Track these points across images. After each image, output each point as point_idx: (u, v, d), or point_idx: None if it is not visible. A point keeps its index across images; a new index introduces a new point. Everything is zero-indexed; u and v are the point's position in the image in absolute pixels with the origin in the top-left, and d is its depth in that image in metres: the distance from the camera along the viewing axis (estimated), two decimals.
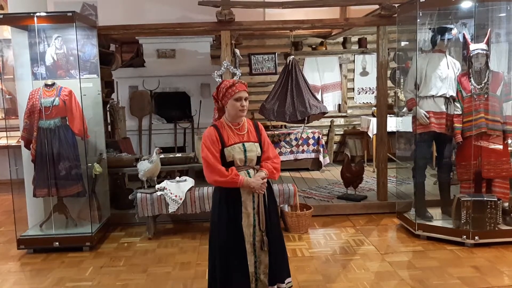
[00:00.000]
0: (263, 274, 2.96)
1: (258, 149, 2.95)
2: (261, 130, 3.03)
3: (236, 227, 2.90)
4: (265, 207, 2.97)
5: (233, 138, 2.90)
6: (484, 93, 4.57)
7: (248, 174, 2.92)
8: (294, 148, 7.50)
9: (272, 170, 2.98)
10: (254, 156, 2.93)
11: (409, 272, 3.93)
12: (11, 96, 7.41)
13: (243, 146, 2.90)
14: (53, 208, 4.84)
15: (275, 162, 3.02)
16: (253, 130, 2.99)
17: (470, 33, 4.71)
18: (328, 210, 5.61)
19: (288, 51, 7.52)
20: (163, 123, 7.72)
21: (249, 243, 2.92)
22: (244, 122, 2.98)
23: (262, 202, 2.94)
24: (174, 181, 5.07)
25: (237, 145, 2.89)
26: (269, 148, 3.04)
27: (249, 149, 2.91)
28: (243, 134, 2.93)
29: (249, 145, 2.92)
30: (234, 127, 2.93)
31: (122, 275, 4.06)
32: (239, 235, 2.90)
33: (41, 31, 4.80)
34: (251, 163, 2.94)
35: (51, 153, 4.66)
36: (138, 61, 7.63)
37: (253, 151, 2.93)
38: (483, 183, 4.69)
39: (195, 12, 6.75)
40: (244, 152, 2.90)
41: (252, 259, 2.93)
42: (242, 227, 2.90)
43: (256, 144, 2.95)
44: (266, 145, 3.02)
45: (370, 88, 8.44)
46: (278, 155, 3.10)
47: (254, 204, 2.93)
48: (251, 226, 2.92)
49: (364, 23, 5.77)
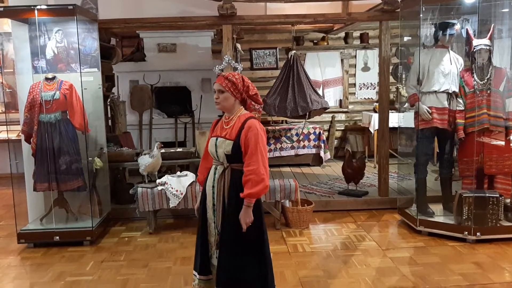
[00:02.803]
0: (214, 272, 2.89)
1: (228, 147, 2.71)
2: (244, 129, 2.69)
3: (204, 218, 2.90)
4: (224, 209, 2.80)
5: (217, 131, 2.85)
6: (486, 89, 4.55)
7: (215, 169, 2.82)
8: (295, 144, 7.47)
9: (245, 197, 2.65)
10: (221, 153, 2.76)
11: (410, 268, 3.92)
12: (11, 90, 7.39)
13: (216, 140, 2.80)
14: (53, 203, 4.83)
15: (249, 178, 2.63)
16: (237, 127, 2.73)
17: (473, 28, 4.68)
18: (329, 205, 5.60)
19: (289, 46, 7.49)
20: (163, 118, 7.71)
21: (212, 235, 2.88)
22: (234, 117, 2.79)
23: (220, 202, 2.79)
24: (175, 176, 5.06)
25: (212, 138, 2.84)
26: (252, 152, 2.65)
27: (218, 145, 2.77)
28: (227, 128, 2.79)
29: (220, 141, 2.77)
30: (224, 120, 2.86)
31: (122, 270, 4.06)
32: (204, 222, 2.91)
33: (41, 25, 4.77)
34: (220, 159, 2.79)
35: (51, 147, 4.65)
36: (139, 55, 7.60)
37: (221, 148, 2.75)
38: (485, 179, 4.68)
39: (196, 6, 6.71)
40: (215, 147, 2.80)
41: (215, 254, 2.88)
42: (207, 218, 2.89)
43: (227, 142, 2.72)
44: (247, 147, 2.67)
45: (372, 83, 8.41)
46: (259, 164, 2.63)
47: (214, 201, 2.83)
48: (212, 221, 2.87)
49: (366, 18, 5.74)
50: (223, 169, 2.80)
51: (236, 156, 2.72)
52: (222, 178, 2.79)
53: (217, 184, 2.81)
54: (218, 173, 2.81)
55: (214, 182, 2.82)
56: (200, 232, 2.94)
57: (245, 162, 2.68)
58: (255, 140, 2.66)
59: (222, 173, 2.79)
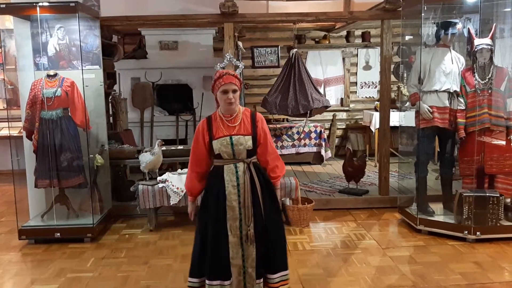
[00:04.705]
0: (250, 268, 2.89)
1: (249, 142, 2.83)
2: (257, 122, 2.89)
3: (219, 219, 2.85)
4: (254, 201, 2.87)
5: (222, 130, 2.83)
6: (488, 88, 4.55)
7: (236, 167, 2.85)
8: (296, 142, 7.49)
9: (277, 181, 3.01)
10: (242, 149, 2.82)
11: (410, 267, 3.93)
12: (13, 87, 7.40)
13: (230, 139, 2.82)
14: (54, 199, 4.84)
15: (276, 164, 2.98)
16: (248, 122, 2.86)
17: (474, 27, 4.68)
18: (330, 204, 5.60)
19: (291, 44, 7.50)
20: (165, 115, 7.71)
21: (236, 236, 2.86)
22: (238, 113, 2.87)
23: (248, 196, 2.85)
24: (175, 173, 5.07)
25: (224, 138, 2.81)
26: (267, 141, 2.92)
27: (236, 143, 2.81)
28: (234, 126, 2.84)
29: (237, 138, 2.81)
30: (225, 119, 2.85)
31: (123, 267, 4.07)
32: (222, 227, 2.85)
33: (43, 21, 4.78)
34: (240, 156, 2.84)
35: (53, 144, 4.66)
36: (141, 52, 7.60)
37: (241, 144, 2.81)
38: (486, 178, 4.68)
39: (198, 4, 6.71)
40: (231, 146, 2.81)
41: (240, 252, 2.87)
42: (227, 220, 2.85)
43: (246, 137, 2.83)
44: (263, 137, 2.90)
45: (373, 82, 8.41)
46: (275, 150, 3.02)
47: (239, 198, 2.85)
48: (237, 219, 2.86)
49: (368, 17, 5.74)
50: (245, 165, 2.86)
51: (255, 150, 2.88)
52: (248, 173, 2.85)
53: (243, 180, 2.84)
54: (241, 170, 2.85)
55: (239, 180, 2.84)
56: (214, 237, 2.86)
57: (262, 151, 2.91)
58: (267, 130, 2.95)
59: (246, 169, 2.85)
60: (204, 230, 2.91)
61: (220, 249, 2.85)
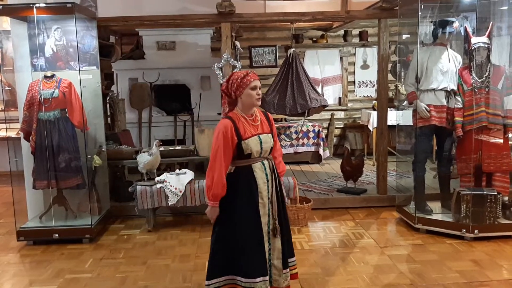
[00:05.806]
0: (276, 260, 2.99)
1: (272, 140, 2.99)
2: (271, 121, 3.06)
3: (254, 218, 2.91)
4: (277, 196, 3.01)
5: (249, 130, 2.89)
6: (485, 86, 4.55)
7: (263, 165, 2.95)
8: (294, 141, 7.49)
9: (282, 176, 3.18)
10: (268, 147, 2.96)
11: (408, 266, 3.93)
12: (11, 88, 7.38)
13: (259, 138, 2.91)
14: (52, 200, 4.84)
15: (281, 160, 3.16)
16: (265, 121, 3.01)
17: (471, 26, 4.68)
18: (328, 203, 5.61)
19: (288, 43, 7.49)
20: (163, 116, 7.71)
21: (264, 231, 2.95)
22: (256, 112, 3.00)
23: (275, 192, 2.98)
24: (174, 174, 5.07)
25: (254, 137, 2.89)
26: (276, 138, 3.09)
27: (264, 141, 2.93)
28: (257, 125, 2.95)
29: (264, 137, 2.94)
30: (248, 118, 2.93)
31: (121, 267, 4.07)
32: (257, 225, 2.91)
33: (40, 23, 4.77)
34: (265, 154, 2.97)
35: (50, 145, 4.66)
36: (138, 53, 7.60)
37: (268, 142, 2.95)
38: (483, 177, 4.69)
39: (195, 4, 6.72)
40: (260, 144, 2.91)
41: (267, 246, 2.96)
42: (261, 217, 2.92)
43: (269, 136, 2.98)
44: (275, 136, 3.07)
45: (371, 81, 8.42)
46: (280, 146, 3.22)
47: (268, 194, 2.96)
48: (266, 215, 2.95)
49: (365, 16, 5.74)
50: (269, 162, 3.00)
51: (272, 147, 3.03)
52: (273, 170, 3.01)
53: (270, 177, 2.98)
54: (268, 167, 2.98)
55: (268, 177, 2.96)
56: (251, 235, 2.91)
57: (274, 148, 3.04)
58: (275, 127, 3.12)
59: (271, 166, 3.00)
60: (233, 231, 2.93)
61: (260, 247, 2.93)
